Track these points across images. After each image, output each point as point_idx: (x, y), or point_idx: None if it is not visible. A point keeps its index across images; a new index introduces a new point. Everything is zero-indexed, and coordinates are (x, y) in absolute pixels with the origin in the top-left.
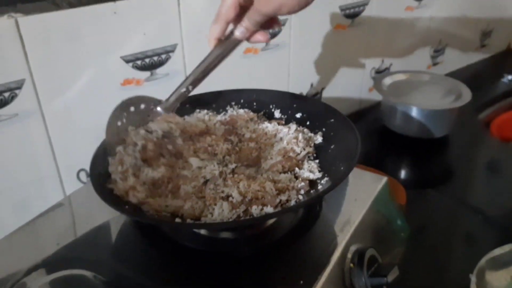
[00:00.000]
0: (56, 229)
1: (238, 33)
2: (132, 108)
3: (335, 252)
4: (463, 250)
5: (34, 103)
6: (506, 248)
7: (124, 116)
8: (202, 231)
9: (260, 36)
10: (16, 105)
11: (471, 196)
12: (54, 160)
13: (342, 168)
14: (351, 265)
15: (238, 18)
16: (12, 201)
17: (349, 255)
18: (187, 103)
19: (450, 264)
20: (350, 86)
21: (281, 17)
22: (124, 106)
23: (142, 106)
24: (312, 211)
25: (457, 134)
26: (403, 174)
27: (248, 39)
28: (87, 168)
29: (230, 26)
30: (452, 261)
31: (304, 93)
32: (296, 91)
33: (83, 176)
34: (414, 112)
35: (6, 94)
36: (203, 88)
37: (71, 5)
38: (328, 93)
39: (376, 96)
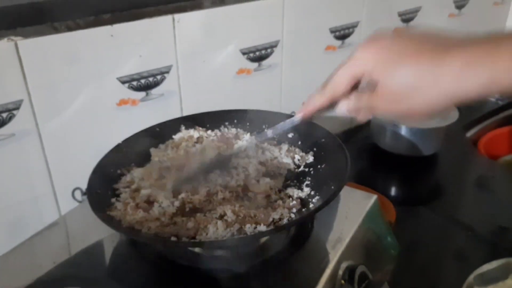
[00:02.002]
0: (51, 248)
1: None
2: None
3: (327, 269)
4: (452, 267)
5: (31, 123)
6: (494, 264)
7: None
8: (197, 249)
9: None
10: (13, 125)
11: (460, 213)
12: (49, 179)
13: (332, 187)
14: (342, 281)
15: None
16: (7, 219)
17: (340, 272)
18: (181, 123)
19: (439, 281)
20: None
21: (273, 39)
22: None
23: None
24: (304, 229)
25: (445, 152)
26: (393, 191)
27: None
28: (82, 187)
29: None
30: (441, 277)
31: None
32: (288, 110)
33: (78, 194)
34: (403, 131)
35: (4, 115)
36: (196, 108)
37: (70, 29)
38: None
39: None
